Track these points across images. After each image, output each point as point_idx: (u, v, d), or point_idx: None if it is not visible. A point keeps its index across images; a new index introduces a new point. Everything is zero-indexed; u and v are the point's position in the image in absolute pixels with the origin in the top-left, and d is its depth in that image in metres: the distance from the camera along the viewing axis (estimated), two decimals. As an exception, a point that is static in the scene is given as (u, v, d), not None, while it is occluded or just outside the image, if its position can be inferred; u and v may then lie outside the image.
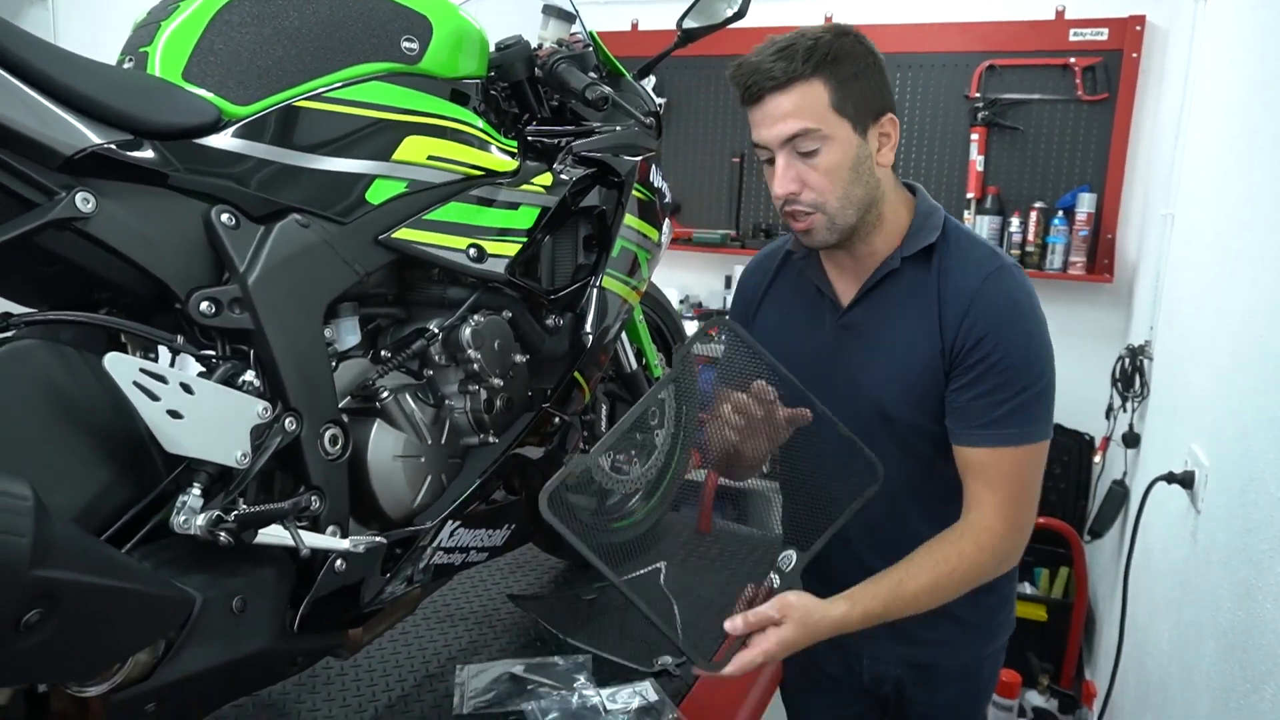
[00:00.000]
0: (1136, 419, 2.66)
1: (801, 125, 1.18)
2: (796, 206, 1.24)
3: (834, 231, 1.26)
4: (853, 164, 1.22)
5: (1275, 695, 1.05)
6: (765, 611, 1.11)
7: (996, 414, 1.22)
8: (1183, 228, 2.33)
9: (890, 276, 1.30)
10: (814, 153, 1.20)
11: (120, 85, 0.92)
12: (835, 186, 1.22)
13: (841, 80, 1.19)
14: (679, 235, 3.88)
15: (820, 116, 1.19)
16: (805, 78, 1.18)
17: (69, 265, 0.87)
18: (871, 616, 1.18)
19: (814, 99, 1.18)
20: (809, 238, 1.28)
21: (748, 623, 1.11)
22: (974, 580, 1.24)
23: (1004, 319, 1.23)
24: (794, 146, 1.20)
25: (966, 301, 1.24)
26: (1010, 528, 1.24)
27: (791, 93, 1.18)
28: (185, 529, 0.89)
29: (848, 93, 1.19)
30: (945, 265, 1.28)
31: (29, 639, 0.72)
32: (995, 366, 1.22)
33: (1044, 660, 2.93)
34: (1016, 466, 1.24)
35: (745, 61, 1.22)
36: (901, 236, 1.31)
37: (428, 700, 1.38)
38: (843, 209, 1.24)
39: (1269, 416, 1.22)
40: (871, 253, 1.31)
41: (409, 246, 1.13)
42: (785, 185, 1.22)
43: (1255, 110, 1.60)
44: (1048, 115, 3.38)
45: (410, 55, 1.14)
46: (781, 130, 1.19)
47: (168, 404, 0.86)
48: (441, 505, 1.22)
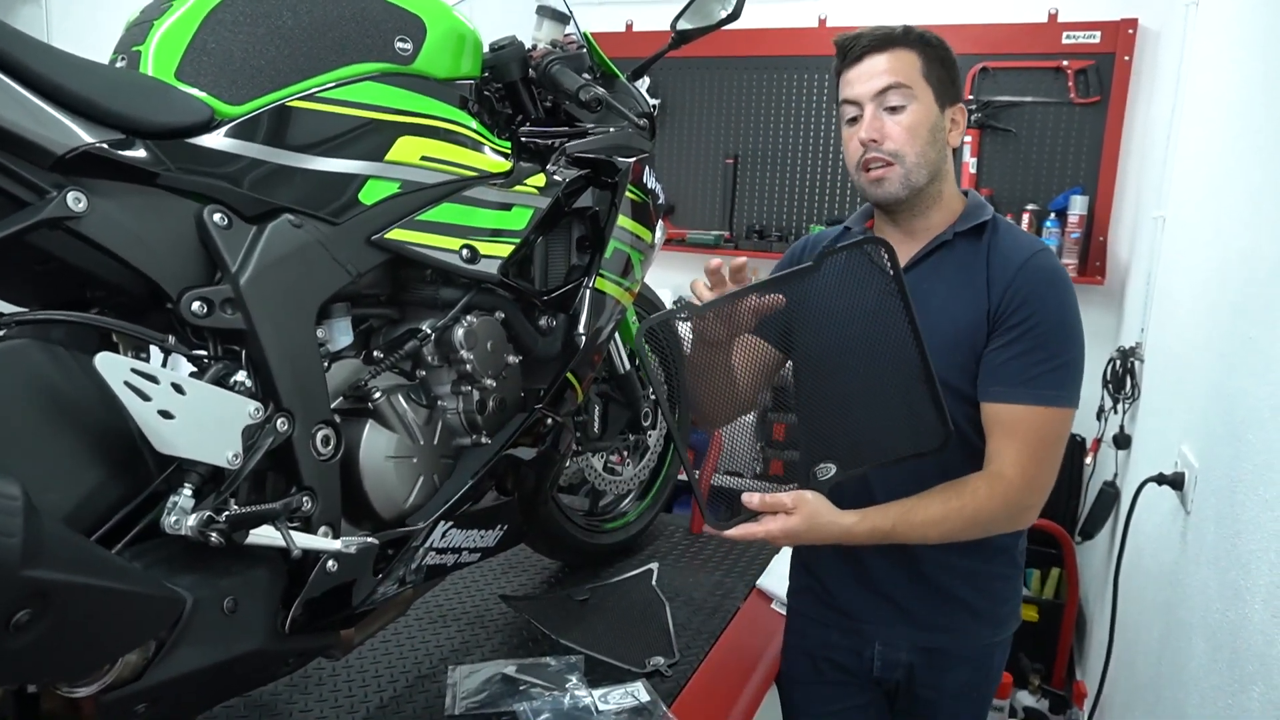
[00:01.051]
0: (1127, 420, 2.67)
1: (895, 79, 1.33)
2: (876, 154, 1.35)
3: (905, 186, 1.36)
4: (931, 127, 1.35)
5: (1263, 695, 1.06)
6: (780, 498, 1.23)
7: (1030, 374, 1.30)
8: (1174, 230, 2.34)
9: (943, 248, 1.40)
10: (900, 109, 1.33)
11: (113, 84, 0.92)
12: (914, 142, 1.34)
13: (931, 58, 1.35)
14: (672, 236, 3.89)
15: (911, 77, 1.34)
16: (904, 45, 1.34)
17: (61, 264, 0.87)
18: (877, 533, 1.26)
19: (909, 63, 1.34)
20: (881, 187, 1.37)
21: (763, 502, 1.23)
22: (982, 523, 1.30)
23: (1046, 288, 1.32)
24: (883, 101, 1.34)
25: (1014, 269, 1.33)
26: (1026, 482, 1.30)
27: (890, 54, 1.34)
28: (176, 529, 0.89)
29: (934, 70, 1.35)
30: (994, 240, 1.38)
31: (19, 639, 0.72)
32: (1034, 330, 1.30)
33: (1035, 661, 2.93)
34: (1041, 425, 1.30)
35: (848, 34, 1.38)
36: (955, 218, 1.42)
37: (419, 701, 1.38)
38: (917, 166, 1.35)
39: (1259, 418, 1.23)
40: (926, 228, 1.41)
41: (402, 247, 1.13)
42: (870, 131, 1.34)
43: (1247, 113, 1.60)
44: (1040, 118, 3.39)
45: (404, 55, 1.14)
46: (876, 84, 1.34)
47: (159, 404, 0.86)
48: (434, 506, 1.22)
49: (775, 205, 3.84)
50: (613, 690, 1.37)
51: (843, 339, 1.31)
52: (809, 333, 1.35)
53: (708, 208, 3.97)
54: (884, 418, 1.29)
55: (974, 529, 1.30)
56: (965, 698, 1.51)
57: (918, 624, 1.45)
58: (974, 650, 1.48)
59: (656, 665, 1.49)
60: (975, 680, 1.50)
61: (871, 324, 1.28)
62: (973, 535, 1.31)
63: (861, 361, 1.29)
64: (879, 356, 1.28)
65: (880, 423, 1.29)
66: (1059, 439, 1.33)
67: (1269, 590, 1.09)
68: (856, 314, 1.29)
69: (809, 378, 1.38)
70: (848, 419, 1.30)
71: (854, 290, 1.29)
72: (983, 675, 1.51)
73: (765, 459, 1.53)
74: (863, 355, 1.29)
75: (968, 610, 1.44)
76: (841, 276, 1.28)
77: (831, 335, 1.32)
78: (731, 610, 1.76)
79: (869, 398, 1.29)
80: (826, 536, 1.25)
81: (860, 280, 1.29)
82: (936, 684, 1.48)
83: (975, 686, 1.51)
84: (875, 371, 1.29)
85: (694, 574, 1.91)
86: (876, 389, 1.28)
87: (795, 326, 1.36)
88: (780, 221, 3.83)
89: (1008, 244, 1.37)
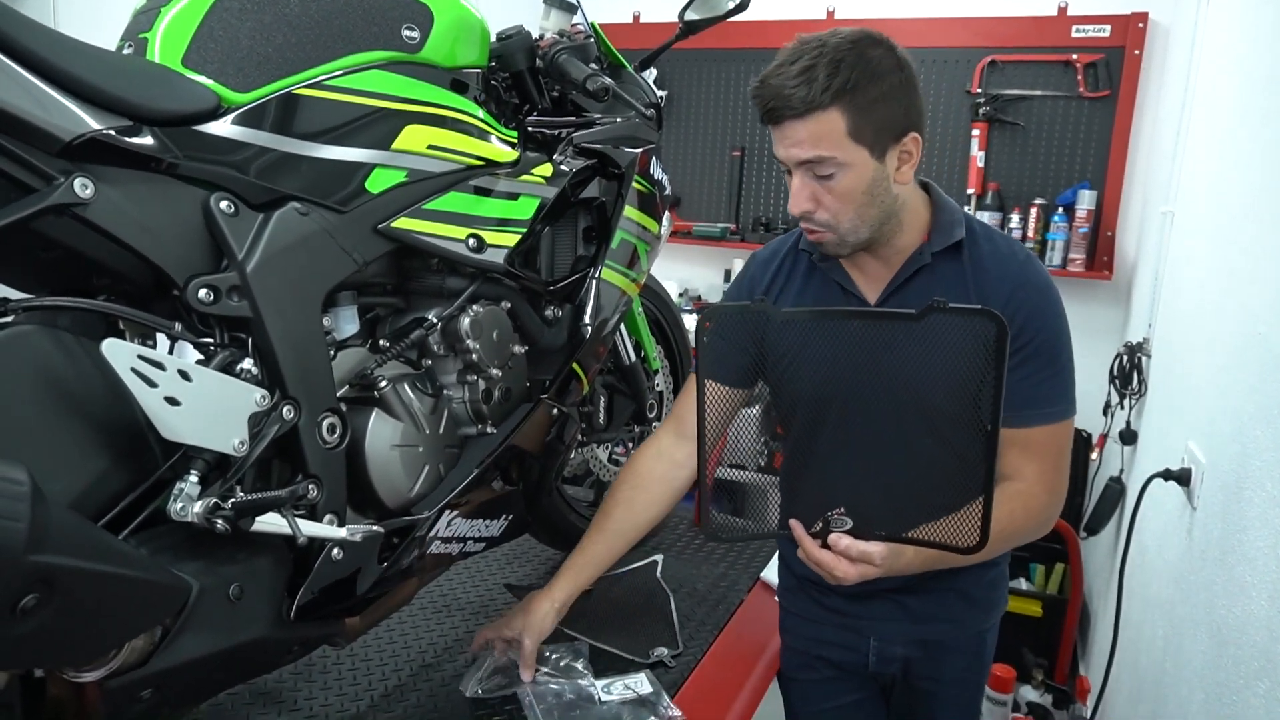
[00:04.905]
0: (1134, 416, 2.66)
1: (816, 154, 1.19)
2: (809, 224, 1.28)
3: (845, 246, 1.29)
4: (867, 188, 1.22)
5: (1268, 692, 1.05)
6: (869, 551, 1.16)
7: (1040, 392, 1.28)
8: (1182, 225, 2.33)
9: (921, 272, 1.32)
10: (829, 176, 1.21)
11: (120, 71, 0.92)
12: (848, 208, 1.24)
13: (861, 108, 1.17)
14: (679, 229, 3.88)
15: (836, 145, 1.19)
16: (823, 107, 1.16)
17: (67, 251, 0.87)
18: (928, 563, 1.24)
19: (831, 128, 1.18)
20: (822, 249, 1.31)
21: (854, 550, 1.17)
22: (1016, 541, 1.32)
23: (1043, 301, 1.29)
24: (810, 169, 1.22)
25: (1010, 288, 1.28)
26: (1052, 494, 1.32)
27: (809, 121, 1.18)
28: (182, 516, 0.89)
29: (867, 120, 1.18)
30: (976, 256, 1.31)
31: (25, 624, 0.72)
32: (1039, 351, 1.28)
33: (1039, 655, 2.93)
34: (1057, 439, 1.31)
35: (766, 82, 1.20)
36: (925, 231, 1.32)
37: (424, 689, 1.39)
38: (855, 229, 1.26)
39: (1266, 414, 1.22)
40: (896, 251, 1.32)
41: (408, 236, 1.13)
42: (800, 204, 1.25)
43: (1257, 108, 1.59)
44: (1049, 111, 3.38)
45: (411, 44, 1.14)
46: (797, 154, 1.21)
47: (165, 391, 0.86)
48: (439, 495, 1.22)
49: (781, 198, 3.83)
50: (616, 680, 1.38)
51: (906, 397, 1.18)
52: (866, 375, 1.20)
53: (714, 200, 3.97)
54: (922, 495, 1.17)
55: (1007, 546, 1.34)
56: (961, 684, 1.52)
57: (914, 617, 1.44)
58: (968, 639, 1.49)
59: (660, 656, 1.49)
60: (971, 666, 1.52)
61: (947, 396, 1.14)
62: (1005, 551, 1.36)
63: (919, 429, 1.18)
64: (942, 434, 1.16)
65: (920, 495, 1.17)
66: (1070, 443, 1.35)
67: (1274, 586, 1.09)
68: (934, 379, 1.15)
69: (840, 419, 1.25)
70: (883, 477, 1.20)
71: (943, 353, 1.14)
72: (978, 661, 1.52)
73: (770, 452, 1.52)
74: (923, 423, 1.17)
75: (962, 599, 1.44)
76: (938, 334, 1.13)
77: (895, 389, 1.18)
78: (735, 602, 1.76)
79: (914, 466, 1.19)
80: (890, 571, 1.20)
81: (954, 347, 1.13)
82: (934, 674, 1.48)
83: (971, 672, 1.52)
84: (930, 446, 1.18)
85: (698, 566, 1.91)
86: (925, 464, 1.18)
87: (847, 363, 1.21)
88: (786, 214, 3.82)
89: (991, 259, 1.30)
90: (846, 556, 1.16)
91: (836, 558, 1.16)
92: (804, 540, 1.19)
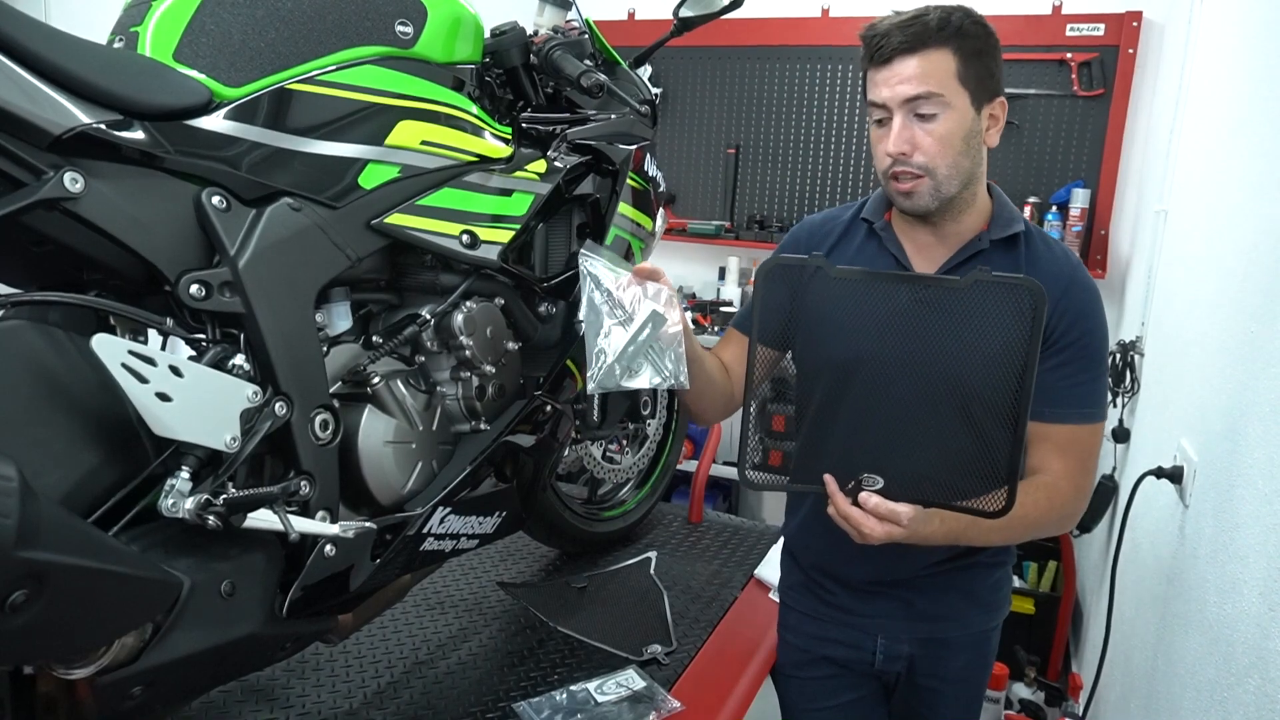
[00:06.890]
0: (1127, 414, 2.67)
1: (926, 88, 1.21)
2: (904, 168, 1.26)
3: (936, 198, 1.28)
4: (965, 135, 1.25)
5: (1259, 688, 1.06)
6: (897, 510, 1.17)
7: (1078, 394, 1.30)
8: (1176, 224, 2.34)
9: (977, 257, 1.33)
10: (932, 117, 1.23)
11: (111, 65, 0.91)
12: (946, 153, 1.25)
13: (968, 54, 1.23)
14: (673, 226, 3.87)
15: (944, 83, 1.22)
16: (936, 45, 1.21)
17: (57, 245, 0.87)
18: (951, 535, 1.25)
19: (941, 65, 1.22)
20: (911, 200, 1.29)
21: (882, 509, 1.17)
22: (1037, 531, 1.33)
23: (1092, 305, 1.32)
24: (913, 108, 1.23)
25: (1064, 285, 1.30)
26: (1077, 493, 1.33)
27: (921, 56, 1.21)
28: (173, 512, 0.88)
29: (971, 67, 1.23)
30: (1033, 253, 1.33)
31: (15, 620, 0.72)
32: (1084, 352, 1.30)
33: (1031, 653, 2.94)
34: (1089, 440, 1.33)
35: (876, 24, 1.24)
36: (986, 220, 1.35)
37: (417, 686, 1.38)
38: (949, 177, 1.27)
39: (1258, 412, 1.23)
40: (958, 231, 1.34)
41: (401, 232, 1.12)
42: (899, 144, 1.24)
43: (1251, 107, 1.60)
44: (1043, 110, 3.38)
45: (404, 39, 1.14)
46: (905, 90, 1.22)
47: (156, 386, 0.86)
48: (432, 491, 1.22)
49: (776, 196, 3.83)
50: (608, 679, 1.38)
51: (941, 369, 1.19)
52: (903, 340, 1.22)
53: (709, 198, 3.96)
54: (954, 460, 1.20)
55: (1029, 534, 1.34)
56: (964, 682, 1.52)
57: (919, 616, 1.45)
58: (973, 637, 1.49)
59: (654, 653, 1.49)
60: (975, 665, 1.52)
61: (982, 364, 1.16)
62: (1026, 539, 1.37)
63: (950, 402, 1.20)
64: (970, 410, 1.18)
65: (948, 462, 1.20)
66: (1099, 448, 1.36)
67: (1265, 584, 1.09)
68: (971, 352, 1.17)
69: (873, 384, 1.25)
70: (912, 444, 1.21)
71: (982, 323, 1.16)
72: (981, 660, 1.53)
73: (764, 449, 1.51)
74: (954, 397, 1.19)
75: (967, 598, 1.45)
76: (981, 304, 1.16)
77: (932, 355, 1.20)
78: (729, 599, 1.76)
79: (944, 433, 1.20)
80: (916, 538, 1.21)
81: (995, 317, 1.16)
82: (938, 672, 1.49)
83: (975, 670, 1.53)
84: (958, 421, 1.19)
85: (692, 563, 1.91)
86: (956, 429, 1.20)
87: (890, 329, 1.23)
88: (781, 212, 3.82)
89: (1046, 258, 1.33)
90: (875, 515, 1.17)
91: (865, 515, 1.17)
92: (835, 495, 1.20)
